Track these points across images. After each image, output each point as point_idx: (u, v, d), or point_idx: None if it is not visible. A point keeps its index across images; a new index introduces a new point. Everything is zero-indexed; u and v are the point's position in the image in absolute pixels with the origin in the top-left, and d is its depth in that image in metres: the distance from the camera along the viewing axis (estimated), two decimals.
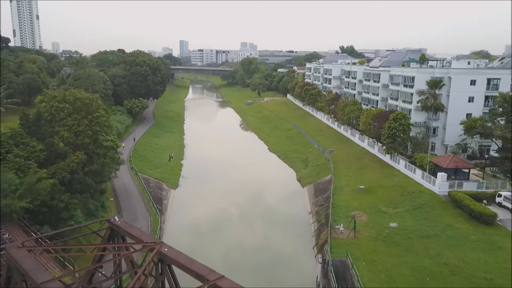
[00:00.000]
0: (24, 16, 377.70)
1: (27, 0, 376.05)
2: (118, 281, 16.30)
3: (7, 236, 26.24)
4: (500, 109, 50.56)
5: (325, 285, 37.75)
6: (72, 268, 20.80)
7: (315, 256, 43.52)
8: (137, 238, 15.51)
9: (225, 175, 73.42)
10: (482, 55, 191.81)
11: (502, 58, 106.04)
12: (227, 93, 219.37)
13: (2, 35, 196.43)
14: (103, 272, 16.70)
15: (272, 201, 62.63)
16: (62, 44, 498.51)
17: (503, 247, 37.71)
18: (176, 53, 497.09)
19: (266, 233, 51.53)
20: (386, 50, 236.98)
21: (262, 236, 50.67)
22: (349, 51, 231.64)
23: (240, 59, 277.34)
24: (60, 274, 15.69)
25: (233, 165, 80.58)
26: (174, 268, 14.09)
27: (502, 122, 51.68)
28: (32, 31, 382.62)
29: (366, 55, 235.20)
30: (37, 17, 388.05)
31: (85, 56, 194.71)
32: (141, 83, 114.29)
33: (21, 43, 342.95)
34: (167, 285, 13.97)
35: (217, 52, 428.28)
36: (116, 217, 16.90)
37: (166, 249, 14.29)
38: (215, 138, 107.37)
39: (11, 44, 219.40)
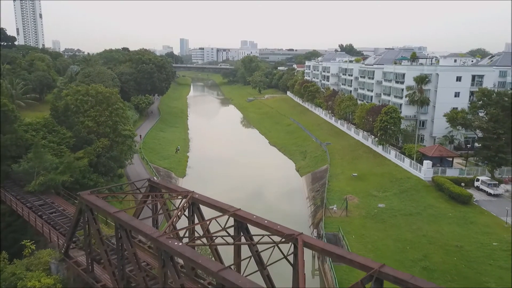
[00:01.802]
0: (27, 15, 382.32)
1: (30, 0, 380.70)
2: (156, 221, 21.52)
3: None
4: (480, 103, 55.72)
5: (319, 256, 43.01)
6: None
7: (311, 233, 48.75)
8: (173, 190, 20.82)
9: (228, 166, 78.42)
10: (480, 53, 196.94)
11: (492, 56, 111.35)
12: (228, 90, 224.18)
13: (8, 34, 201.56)
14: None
15: (272, 188, 67.80)
16: (62, 43, 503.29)
17: (475, 222, 43.00)
18: (176, 51, 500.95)
19: (267, 211, 56.75)
20: (385, 49, 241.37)
21: (263, 213, 55.85)
22: (348, 50, 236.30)
23: (241, 57, 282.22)
24: None
25: (236, 158, 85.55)
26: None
27: (481, 114, 56.92)
28: (36, 29, 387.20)
29: (365, 53, 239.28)
30: (40, 16, 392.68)
31: (93, 54, 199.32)
32: (147, 80, 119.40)
33: (25, 42, 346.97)
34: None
35: (218, 50, 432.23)
36: (154, 178, 22.15)
37: (196, 195, 19.58)
38: (218, 133, 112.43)
39: (16, 42, 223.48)
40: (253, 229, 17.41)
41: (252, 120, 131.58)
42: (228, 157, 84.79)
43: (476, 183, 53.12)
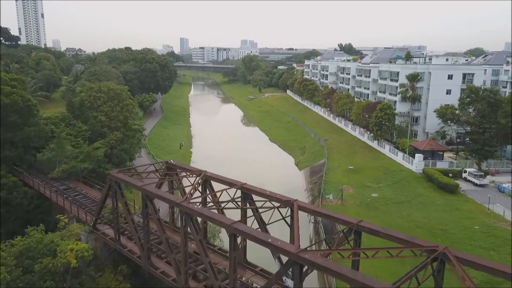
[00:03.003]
0: (29, 15, 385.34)
1: (32, 0, 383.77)
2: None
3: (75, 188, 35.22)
4: (468, 99, 59.15)
5: (316, 240, 46.56)
6: None
7: (309, 221, 52.22)
8: (188, 170, 24.26)
9: (231, 161, 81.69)
10: (478, 52, 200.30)
11: (485, 55, 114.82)
12: (229, 89, 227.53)
13: (11, 33, 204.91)
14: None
15: (273, 180, 71.01)
16: (62, 42, 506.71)
17: (460, 209, 46.51)
18: (176, 50, 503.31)
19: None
20: (384, 48, 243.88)
21: None
22: (348, 49, 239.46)
23: (241, 57, 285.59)
24: None
25: (237, 153, 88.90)
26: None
27: (470, 110, 60.37)
28: (37, 29, 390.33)
29: (364, 52, 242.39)
30: (42, 16, 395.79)
31: (97, 53, 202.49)
32: (151, 79, 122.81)
33: (27, 41, 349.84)
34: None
35: (218, 49, 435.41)
36: (171, 160, 25.60)
37: (208, 174, 23.03)
38: (219, 130, 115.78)
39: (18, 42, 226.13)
40: (256, 199, 20.83)
41: (252, 118, 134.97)
42: (230, 152, 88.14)
43: (464, 175, 56.58)
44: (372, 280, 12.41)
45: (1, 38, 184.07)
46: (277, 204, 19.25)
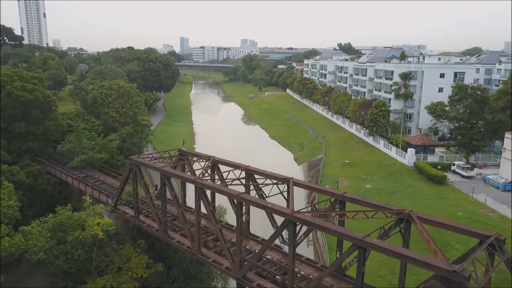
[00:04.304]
0: (31, 15, 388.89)
1: (34, 0, 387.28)
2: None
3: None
4: (457, 96, 62.64)
5: None
6: None
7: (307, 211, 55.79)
8: (198, 155, 27.77)
9: (232, 156, 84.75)
10: (476, 51, 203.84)
11: (479, 55, 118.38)
12: (230, 88, 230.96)
13: (15, 33, 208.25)
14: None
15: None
16: (63, 41, 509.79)
17: (446, 197, 50.03)
18: (176, 49, 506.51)
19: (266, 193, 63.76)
20: (384, 47, 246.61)
21: None
22: (347, 48, 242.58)
23: (241, 56, 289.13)
24: None
25: (238, 149, 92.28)
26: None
27: (459, 106, 63.81)
28: (39, 29, 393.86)
29: (363, 52, 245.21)
30: (44, 15, 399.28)
31: (101, 52, 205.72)
32: (154, 77, 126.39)
33: (29, 41, 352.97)
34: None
35: (218, 49, 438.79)
36: (183, 148, 29.09)
37: (217, 159, 26.53)
38: (221, 127, 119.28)
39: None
40: (258, 179, 24.34)
41: (253, 116, 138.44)
42: (232, 148, 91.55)
43: (452, 167, 60.06)
44: (349, 231, 15.94)
45: (5, 38, 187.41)
46: (276, 182, 22.72)
